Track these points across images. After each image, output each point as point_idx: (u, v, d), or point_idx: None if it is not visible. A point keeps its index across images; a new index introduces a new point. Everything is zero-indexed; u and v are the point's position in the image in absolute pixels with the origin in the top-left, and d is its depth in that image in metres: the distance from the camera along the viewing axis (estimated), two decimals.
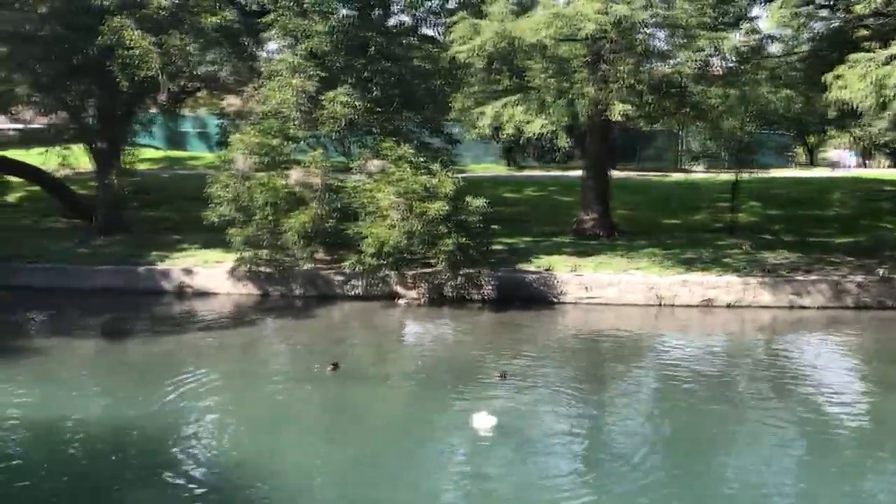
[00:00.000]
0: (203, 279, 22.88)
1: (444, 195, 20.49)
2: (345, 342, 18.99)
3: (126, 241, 25.56)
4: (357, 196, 21.36)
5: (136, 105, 27.41)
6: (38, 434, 13.06)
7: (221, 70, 25.48)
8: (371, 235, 20.40)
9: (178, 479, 11.43)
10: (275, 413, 14.30)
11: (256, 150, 21.60)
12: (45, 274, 23.22)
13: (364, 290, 21.84)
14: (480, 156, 39.80)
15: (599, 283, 21.64)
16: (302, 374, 16.21)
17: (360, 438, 13.15)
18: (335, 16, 22.30)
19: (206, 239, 24.19)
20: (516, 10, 21.62)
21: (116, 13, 22.74)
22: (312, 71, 21.80)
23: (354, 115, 21.96)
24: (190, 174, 34.85)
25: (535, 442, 12.98)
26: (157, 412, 13.85)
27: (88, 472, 11.76)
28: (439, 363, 17.49)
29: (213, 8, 23.36)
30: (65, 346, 17.91)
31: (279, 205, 21.27)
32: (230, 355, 17.83)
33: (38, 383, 15.33)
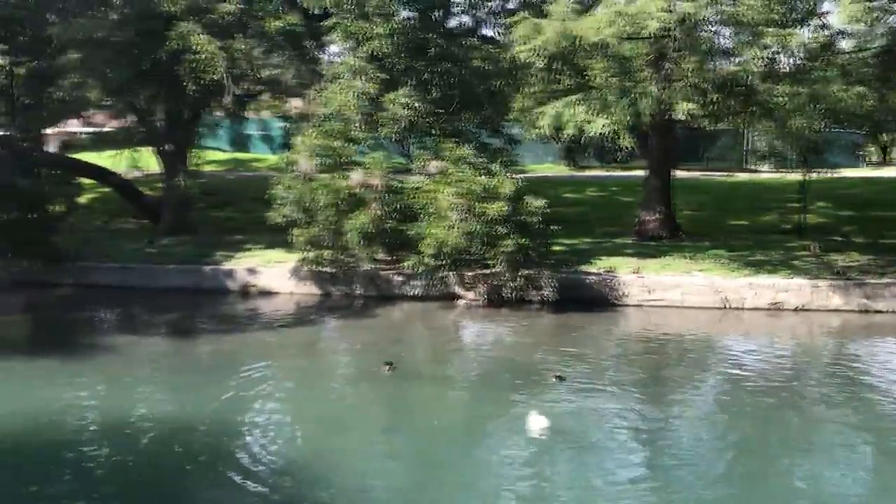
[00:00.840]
0: (267, 279, 23.26)
1: (503, 196, 20.41)
2: (404, 342, 19.09)
3: (193, 242, 26.17)
4: (417, 197, 21.43)
5: (202, 108, 28.05)
6: (106, 430, 13.44)
7: (285, 73, 25.91)
8: (430, 236, 20.44)
9: (240, 477, 11.60)
10: (335, 412, 14.43)
11: (319, 151, 21.85)
12: (115, 273, 23.92)
13: (423, 290, 21.91)
14: (540, 156, 39.60)
15: (662, 285, 21.28)
16: (362, 374, 16.35)
17: (418, 439, 13.19)
18: (396, 18, 22.41)
19: (270, 239, 24.61)
20: (578, 9, 21.43)
21: (184, 18, 23.30)
22: (373, 73, 21.95)
23: (415, 117, 22.03)
24: (254, 176, 35.60)
25: (595, 445, 12.83)
26: (221, 410, 14.11)
27: (154, 469, 12.03)
28: (497, 364, 17.43)
29: (276, 12, 23.77)
30: (133, 344, 18.41)
31: (341, 206, 21.46)
32: (292, 354, 18.09)
33: (107, 380, 15.80)
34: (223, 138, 36.93)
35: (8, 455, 12.28)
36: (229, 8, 23.39)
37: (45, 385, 15.22)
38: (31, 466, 11.83)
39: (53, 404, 14.27)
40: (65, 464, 12.02)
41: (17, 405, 14.22)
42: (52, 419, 13.60)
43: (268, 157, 41.12)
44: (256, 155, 43.04)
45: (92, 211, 30.54)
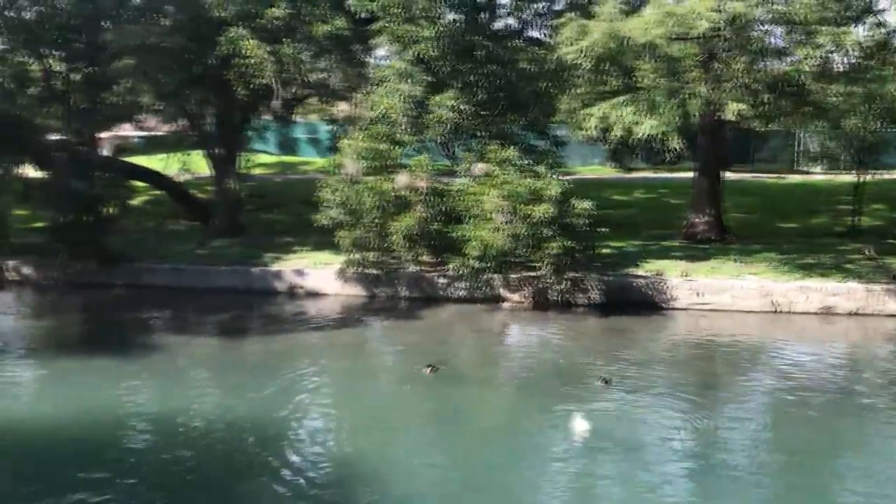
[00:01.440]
0: (313, 280, 23.51)
1: (549, 198, 20.31)
2: (448, 344, 19.12)
3: (242, 243, 26.56)
4: (462, 199, 21.44)
5: (251, 112, 28.44)
6: (159, 428, 13.74)
7: (332, 77, 26.08)
8: (475, 238, 20.44)
9: (288, 477, 11.77)
10: (380, 413, 14.54)
11: (365, 154, 21.99)
12: (167, 274, 24.40)
13: (468, 292, 21.92)
14: (587, 158, 39.31)
15: (712, 288, 20.96)
16: (406, 376, 16.42)
17: (462, 440, 13.21)
18: (442, 21, 22.46)
19: (317, 241, 24.86)
20: (626, 10, 21.23)
21: (234, 24, 23.67)
22: (419, 76, 22.04)
23: (460, 119, 22.06)
24: (301, 179, 36.00)
25: (640, 449, 12.71)
26: (269, 409, 14.31)
27: (203, 467, 12.28)
28: (542, 367, 17.37)
29: (324, 17, 23.97)
30: (184, 344, 18.77)
31: (386, 208, 21.58)
32: (338, 355, 18.26)
33: (160, 379, 16.15)
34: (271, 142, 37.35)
35: (65, 452, 12.62)
36: (278, 13, 23.69)
37: (101, 384, 15.61)
38: (86, 463, 12.15)
39: (109, 403, 14.64)
40: (119, 461, 12.32)
41: (74, 404, 14.62)
42: (107, 417, 13.94)
43: (315, 160, 41.54)
44: (304, 158, 43.49)
45: (144, 213, 31.16)
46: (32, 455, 12.48)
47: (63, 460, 12.27)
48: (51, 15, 26.22)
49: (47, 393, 15.82)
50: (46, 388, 16.11)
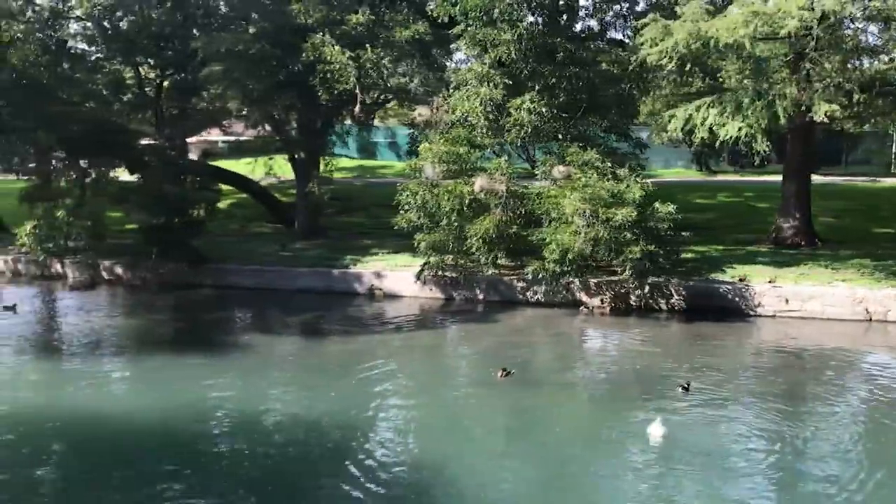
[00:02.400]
0: (392, 282, 23.75)
1: (631, 201, 20.00)
2: (526, 348, 19.00)
3: (323, 245, 27.06)
4: (541, 202, 21.32)
5: (333, 117, 28.99)
6: (242, 424, 14.08)
7: (412, 81, 26.37)
8: (554, 242, 20.27)
9: (363, 475, 11.90)
10: (456, 415, 14.56)
11: (444, 158, 22.10)
12: (251, 275, 25.04)
13: (546, 296, 21.76)
14: (670, 161, 38.57)
15: (800, 295, 20.25)
16: (483, 378, 16.39)
17: (537, 445, 13.10)
18: (522, 24, 22.40)
19: (396, 244, 25.12)
20: (711, 10, 20.76)
21: (318, 31, 24.15)
22: (499, 79, 22.03)
23: (540, 122, 21.95)
24: (380, 182, 36.43)
25: (719, 457, 12.38)
26: (347, 408, 14.51)
27: (281, 462, 12.53)
28: (621, 372, 17.10)
29: (406, 22, 24.24)
30: (268, 343, 19.22)
31: (464, 211, 21.63)
32: (416, 356, 18.38)
33: (244, 377, 16.57)
34: (351, 146, 37.99)
35: (153, 445, 13.08)
36: (361, 19, 24.07)
37: (188, 381, 16.12)
38: (172, 457, 12.57)
39: (195, 399, 15.10)
40: (201, 455, 12.71)
41: (163, 400, 15.14)
42: (193, 413, 14.38)
43: (394, 163, 42.00)
44: (383, 162, 44.05)
45: (230, 216, 32.08)
46: (122, 448, 12.97)
47: (150, 454, 12.72)
48: (145, 24, 27.30)
49: (137, 389, 16.42)
50: (136, 384, 16.72)
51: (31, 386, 16.77)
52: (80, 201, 24.47)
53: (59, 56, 26.90)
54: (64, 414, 14.37)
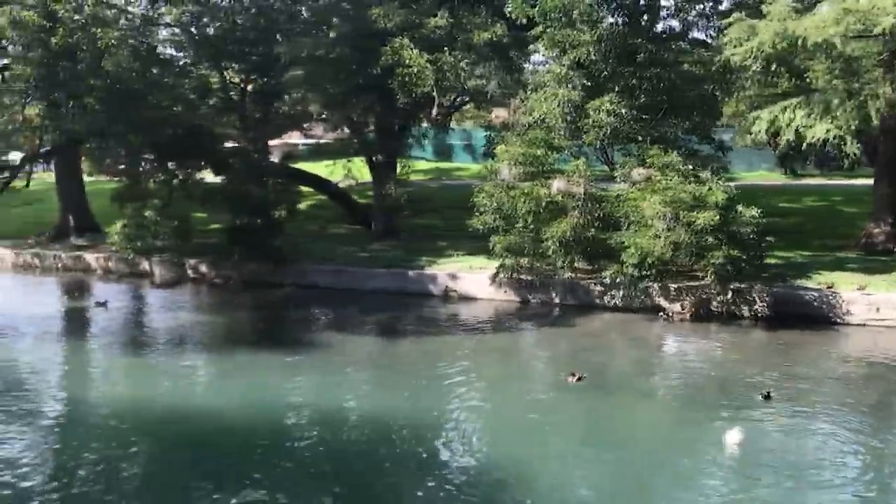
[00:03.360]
0: (467, 284, 23.80)
1: (713, 204, 19.52)
2: (602, 353, 18.76)
3: (399, 247, 27.34)
4: (620, 205, 21.03)
5: (410, 120, 29.26)
6: (318, 422, 14.33)
7: (489, 84, 26.37)
8: (634, 245, 19.96)
9: (435, 476, 11.99)
10: (530, 419, 14.47)
11: (521, 160, 22.03)
12: (329, 275, 25.48)
13: (624, 301, 21.44)
14: (754, 163, 37.51)
15: (892, 303, 19.40)
16: (557, 382, 16.26)
17: (611, 449, 12.94)
18: (602, 24, 22.17)
19: (471, 246, 25.16)
20: (799, 8, 20.11)
21: (397, 34, 24.42)
22: (578, 80, 21.85)
23: (619, 124, 21.67)
24: (456, 184, 36.56)
25: (798, 467, 11.98)
26: (420, 409, 14.61)
27: (355, 460, 12.69)
28: (700, 379, 16.71)
29: (484, 24, 24.28)
30: (344, 342, 19.52)
31: (541, 213, 21.50)
32: (490, 359, 18.37)
33: (321, 375, 16.88)
34: (428, 148, 38.27)
35: (232, 440, 13.43)
36: (439, 22, 24.23)
37: (270, 378, 16.53)
38: (250, 452, 12.87)
39: (274, 396, 15.46)
40: (281, 452, 12.95)
41: (243, 396, 15.56)
42: (271, 410, 14.71)
43: (470, 165, 42.11)
44: (459, 164, 44.20)
45: (310, 217, 32.70)
46: (203, 443, 13.37)
47: (233, 449, 13.06)
48: (231, 30, 28.11)
49: (221, 385, 16.90)
50: (220, 380, 17.23)
51: (121, 380, 17.46)
52: (167, 202, 25.36)
53: (150, 62, 27.91)
54: (151, 408, 14.91)
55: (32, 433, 13.89)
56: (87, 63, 23.73)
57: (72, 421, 14.64)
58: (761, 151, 34.10)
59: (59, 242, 31.60)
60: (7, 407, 15.02)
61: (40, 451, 13.17)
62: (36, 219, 34.93)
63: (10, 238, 32.66)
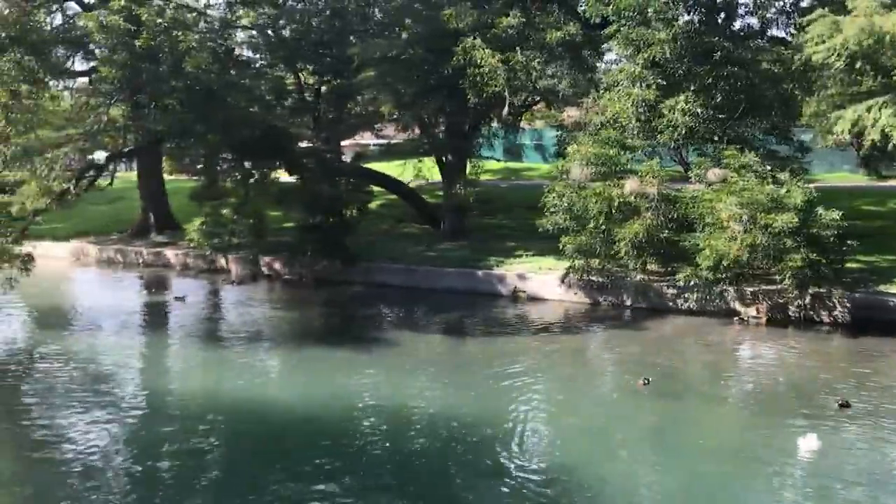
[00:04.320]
0: (536, 285, 23.69)
1: (792, 206, 18.99)
2: (674, 357, 18.43)
3: (468, 247, 27.38)
4: (694, 206, 20.63)
5: (480, 120, 29.25)
6: (385, 418, 14.51)
7: (560, 83, 26.17)
8: (708, 248, 19.55)
9: (502, 477, 11.96)
10: (599, 423, 14.33)
11: (593, 160, 21.81)
12: (398, 274, 25.72)
13: (698, 304, 21.03)
14: (835, 164, 36.25)
15: None
16: (628, 386, 16.06)
17: (682, 458, 12.70)
18: (678, 22, 21.77)
19: (540, 246, 25.03)
20: (887, 3, 19.38)
21: (469, 34, 24.46)
22: (652, 79, 21.52)
23: (695, 123, 21.26)
24: (526, 184, 36.43)
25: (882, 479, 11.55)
26: (487, 408, 14.62)
27: (421, 459, 12.80)
28: (775, 386, 16.30)
29: (557, 23, 24.12)
30: (412, 340, 19.68)
31: (612, 214, 21.26)
32: (558, 361, 18.25)
33: (390, 372, 17.05)
34: (498, 148, 38.16)
35: (307, 436, 13.69)
36: (511, 22, 24.18)
37: (340, 374, 16.79)
38: (323, 447, 13.08)
39: (343, 393, 15.70)
40: (350, 447, 13.16)
41: (313, 392, 15.86)
42: (340, 406, 14.95)
43: (540, 165, 41.87)
44: (529, 164, 43.99)
45: (380, 216, 33.03)
46: (273, 436, 13.64)
47: (303, 444, 13.31)
48: (305, 32, 28.58)
49: (292, 380, 17.25)
50: (290, 376, 17.58)
51: (197, 372, 17.99)
52: (243, 200, 25.92)
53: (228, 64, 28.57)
54: (225, 400, 15.33)
55: (115, 421, 14.43)
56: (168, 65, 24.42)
57: (151, 410, 15.14)
58: (843, 152, 32.96)
59: (141, 239, 32.72)
60: (91, 396, 15.66)
61: (122, 439, 13.67)
62: (119, 216, 36.25)
63: (94, 234, 33.99)
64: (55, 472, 12.20)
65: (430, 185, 33.58)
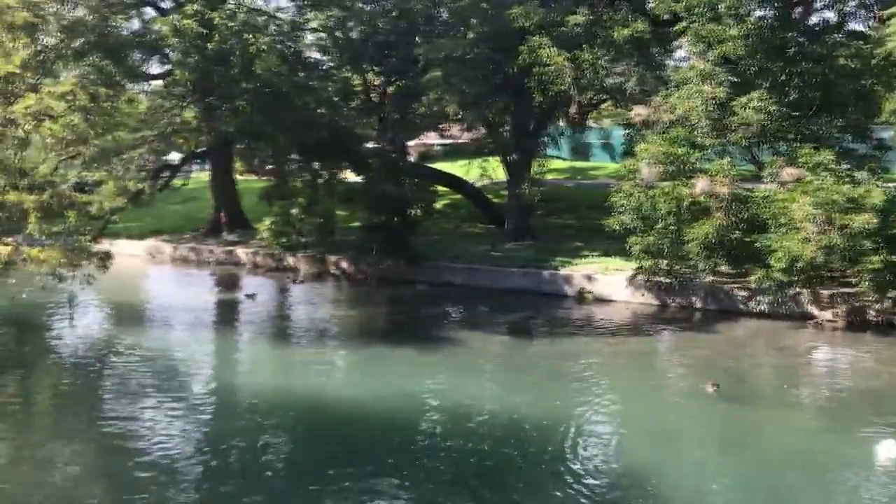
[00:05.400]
0: (602, 286, 23.41)
1: (871, 207, 18.31)
2: (745, 361, 17.99)
3: (533, 247, 27.23)
4: (767, 206, 20.08)
5: (546, 119, 29.06)
6: (449, 417, 14.52)
7: (629, 81, 25.79)
8: (782, 249, 19.01)
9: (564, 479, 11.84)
10: (665, 426, 14.07)
11: (662, 159, 21.41)
12: (463, 273, 25.74)
13: (771, 307, 20.46)
14: None
15: None
16: (694, 390, 15.70)
17: (749, 461, 12.39)
18: (751, 18, 21.22)
19: (607, 247, 24.75)
20: None
21: (535, 33, 24.31)
22: (724, 77, 21.02)
23: (768, 121, 20.68)
24: (592, 184, 36.03)
25: None
26: (551, 410, 14.49)
27: (487, 459, 12.73)
28: (850, 392, 15.74)
29: (625, 21, 23.79)
30: (476, 339, 19.66)
31: (682, 214, 20.84)
32: (624, 363, 17.99)
33: (454, 371, 17.08)
34: (563, 147, 37.82)
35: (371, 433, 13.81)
36: (579, 20, 23.94)
37: (402, 372, 16.89)
38: (387, 445, 13.20)
39: (407, 390, 15.77)
40: (413, 444, 13.26)
41: (378, 389, 15.98)
42: (405, 404, 15.01)
43: (607, 165, 41.32)
44: (595, 163, 43.47)
45: (444, 216, 33.14)
46: (338, 432, 13.80)
47: (364, 439, 13.46)
48: (372, 33, 28.88)
49: (357, 377, 17.43)
50: (355, 373, 17.76)
51: (266, 369, 18.33)
52: (311, 200, 26.35)
53: (296, 66, 29.09)
54: (293, 397, 15.57)
55: (186, 415, 14.82)
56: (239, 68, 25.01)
57: (220, 405, 15.50)
58: None
59: (213, 238, 33.52)
60: (164, 391, 16.10)
61: (193, 433, 14.03)
62: (192, 215, 37.20)
63: (168, 233, 34.98)
64: (129, 464, 12.60)
65: (495, 185, 33.53)
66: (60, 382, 17.38)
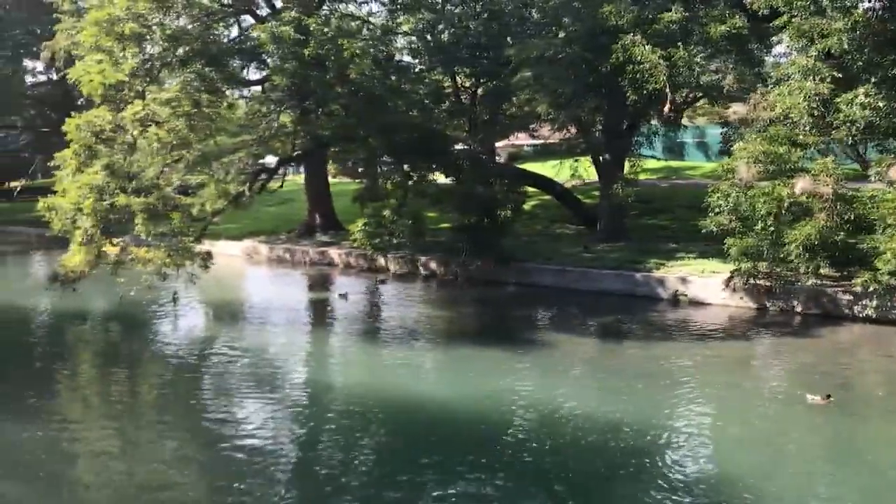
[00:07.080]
0: (698, 288, 22.83)
1: None
2: (850, 369, 17.21)
3: (626, 248, 26.80)
4: (874, 206, 19.19)
5: (639, 118, 28.54)
6: (537, 420, 14.41)
7: (725, 78, 25.07)
8: (890, 251, 18.15)
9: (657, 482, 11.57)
10: (765, 436, 13.57)
11: (761, 158, 20.72)
12: (553, 275, 25.56)
13: (878, 312, 19.51)
14: None
15: None
16: (794, 398, 15.07)
17: (857, 474, 11.83)
18: (858, 10, 20.30)
19: (702, 248, 24.12)
20: None
21: (629, 31, 23.92)
22: (827, 72, 20.18)
23: (875, 118, 19.74)
24: (687, 184, 35.21)
25: None
26: (644, 415, 14.18)
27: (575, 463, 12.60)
28: None
29: (722, 17, 23.15)
30: (567, 342, 19.48)
31: (782, 215, 20.11)
32: (721, 368, 17.47)
33: (543, 374, 16.98)
34: (657, 147, 37.11)
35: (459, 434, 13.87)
36: (674, 17, 23.42)
37: (491, 373, 16.89)
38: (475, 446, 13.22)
39: (497, 392, 15.76)
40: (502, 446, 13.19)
41: (468, 389, 16.04)
42: (494, 406, 15.00)
43: (702, 164, 40.33)
44: (690, 163, 42.47)
45: (534, 217, 32.99)
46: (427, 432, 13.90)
47: (453, 439, 13.50)
48: (463, 35, 29.01)
49: (447, 377, 17.52)
50: (444, 373, 17.86)
51: (358, 368, 18.68)
52: (402, 202, 26.67)
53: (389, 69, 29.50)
54: (384, 396, 15.78)
55: (280, 413, 15.24)
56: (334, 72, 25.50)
57: (313, 403, 15.84)
58: None
59: (307, 239, 34.39)
60: (259, 389, 16.62)
61: (285, 430, 14.39)
62: (287, 217, 38.28)
63: (265, 234, 36.08)
64: (224, 454, 13.05)
65: (586, 186, 33.16)
66: (164, 377, 18.15)
